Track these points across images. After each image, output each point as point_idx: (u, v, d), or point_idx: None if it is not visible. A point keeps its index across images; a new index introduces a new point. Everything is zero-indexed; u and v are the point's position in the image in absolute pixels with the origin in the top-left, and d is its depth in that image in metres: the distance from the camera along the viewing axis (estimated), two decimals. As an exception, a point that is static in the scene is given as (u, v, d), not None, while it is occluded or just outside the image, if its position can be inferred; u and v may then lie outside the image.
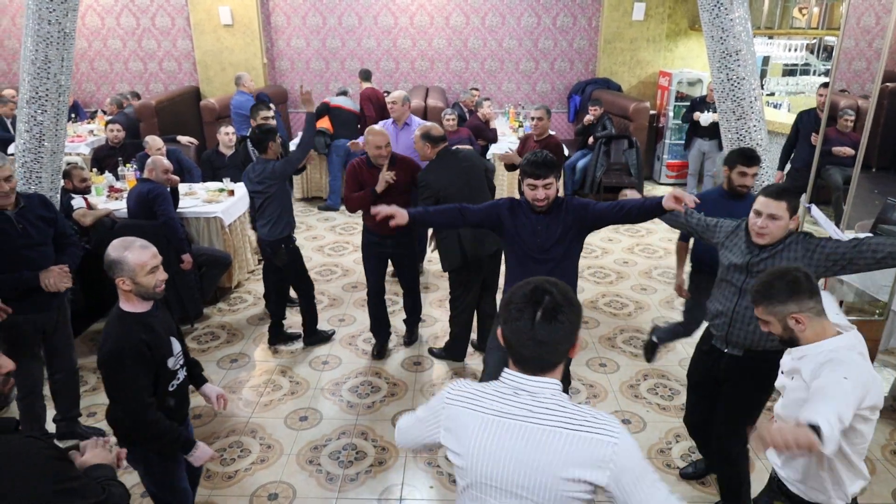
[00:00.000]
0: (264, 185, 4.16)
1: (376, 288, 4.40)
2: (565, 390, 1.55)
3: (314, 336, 4.68)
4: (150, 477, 2.47)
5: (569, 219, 2.96)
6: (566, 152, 7.71)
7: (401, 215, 2.89)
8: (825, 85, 6.23)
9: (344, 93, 7.68)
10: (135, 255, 2.23)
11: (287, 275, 4.49)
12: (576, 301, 1.50)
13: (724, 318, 2.69)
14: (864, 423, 1.87)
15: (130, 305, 2.29)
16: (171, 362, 2.37)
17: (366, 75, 7.81)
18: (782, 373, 2.10)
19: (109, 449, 1.81)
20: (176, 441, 2.36)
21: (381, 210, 2.92)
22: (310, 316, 4.62)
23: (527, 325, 1.44)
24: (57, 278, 3.11)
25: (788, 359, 2.04)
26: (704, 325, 2.95)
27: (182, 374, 2.47)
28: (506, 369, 1.55)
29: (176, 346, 2.41)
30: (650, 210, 2.82)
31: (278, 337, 4.67)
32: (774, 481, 2.22)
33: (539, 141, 5.16)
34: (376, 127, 4.20)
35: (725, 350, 2.74)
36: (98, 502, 1.50)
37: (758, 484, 2.65)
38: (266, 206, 4.22)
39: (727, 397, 2.79)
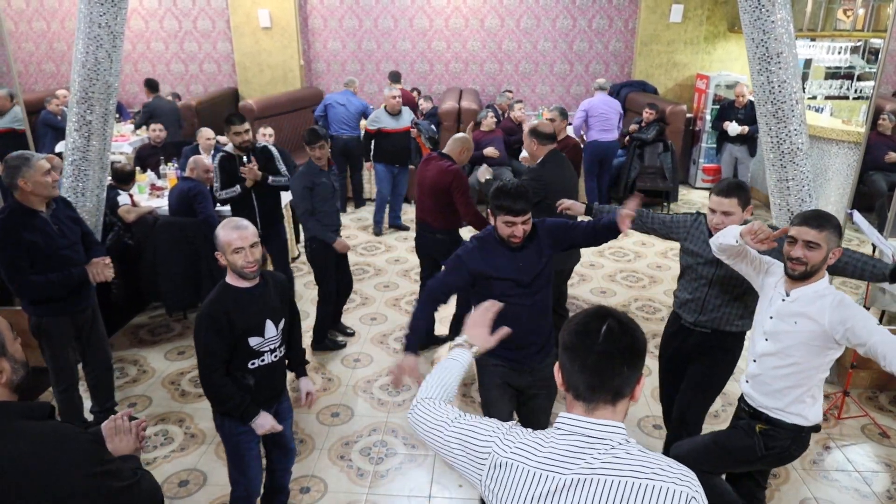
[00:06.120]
0: None
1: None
2: None
3: (321, 344, 4.59)
4: (225, 446, 2.63)
5: (545, 244, 2.73)
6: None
7: (412, 368, 2.42)
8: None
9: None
10: (224, 233, 2.38)
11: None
12: (643, 333, 1.35)
13: (696, 304, 2.92)
14: (840, 349, 2.27)
15: (233, 279, 2.44)
16: (253, 341, 2.46)
17: (396, 77, 7.90)
18: (771, 318, 2.38)
19: (129, 429, 1.79)
20: (237, 407, 2.47)
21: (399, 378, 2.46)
22: (319, 321, 4.56)
23: (592, 338, 1.29)
24: (101, 269, 3.25)
25: (785, 309, 2.32)
26: None
27: (270, 358, 2.54)
28: (561, 413, 1.36)
29: (270, 330, 2.49)
30: (605, 231, 2.76)
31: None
32: (746, 410, 2.50)
33: (557, 143, 5.12)
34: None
35: (695, 329, 2.95)
36: (133, 483, 1.58)
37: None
38: None
39: (694, 371, 3.01)
